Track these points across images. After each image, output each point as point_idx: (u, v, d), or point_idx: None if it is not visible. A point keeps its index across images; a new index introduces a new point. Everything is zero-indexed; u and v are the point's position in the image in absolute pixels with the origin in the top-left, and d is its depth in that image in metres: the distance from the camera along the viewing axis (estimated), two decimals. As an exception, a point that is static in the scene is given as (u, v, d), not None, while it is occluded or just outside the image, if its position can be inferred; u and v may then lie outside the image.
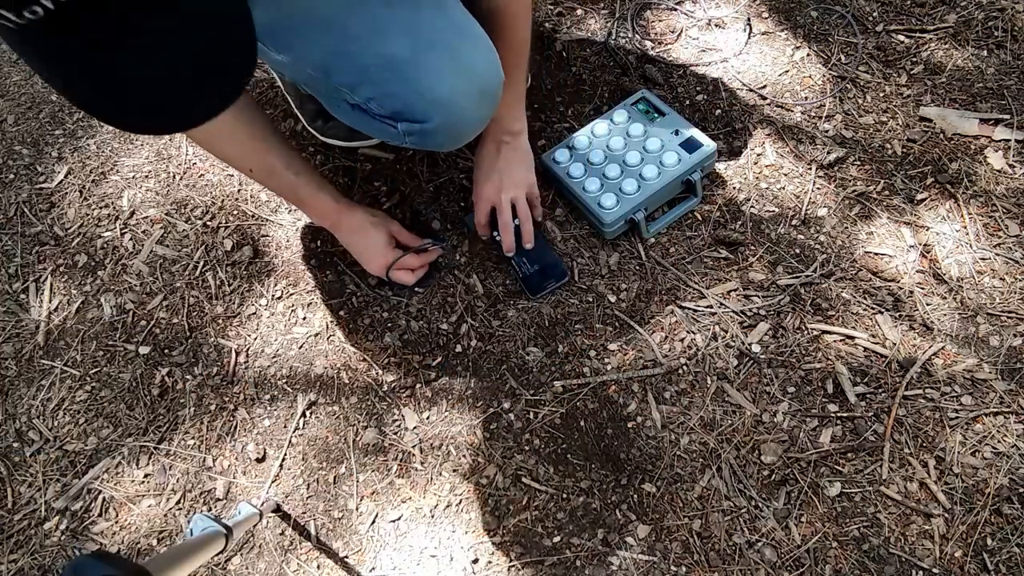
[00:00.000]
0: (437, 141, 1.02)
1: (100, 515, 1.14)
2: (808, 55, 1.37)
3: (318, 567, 1.06)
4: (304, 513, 1.10)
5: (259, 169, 1.11)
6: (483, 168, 1.20)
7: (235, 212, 1.37)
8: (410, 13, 0.93)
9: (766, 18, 1.43)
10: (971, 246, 1.15)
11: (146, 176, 1.45)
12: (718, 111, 1.34)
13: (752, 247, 1.20)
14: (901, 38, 1.36)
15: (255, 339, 1.24)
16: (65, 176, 1.48)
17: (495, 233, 1.23)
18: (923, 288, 1.13)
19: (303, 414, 1.17)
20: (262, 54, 1.03)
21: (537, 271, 1.20)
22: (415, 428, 1.14)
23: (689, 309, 1.16)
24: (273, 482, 1.13)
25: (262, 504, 1.08)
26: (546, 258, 1.21)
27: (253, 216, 1.36)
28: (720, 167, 1.28)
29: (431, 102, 0.94)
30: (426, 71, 0.92)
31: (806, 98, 1.33)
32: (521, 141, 1.20)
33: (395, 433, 1.14)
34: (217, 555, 0.96)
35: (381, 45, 0.92)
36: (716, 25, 1.44)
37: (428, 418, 1.14)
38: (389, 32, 0.92)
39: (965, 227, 1.17)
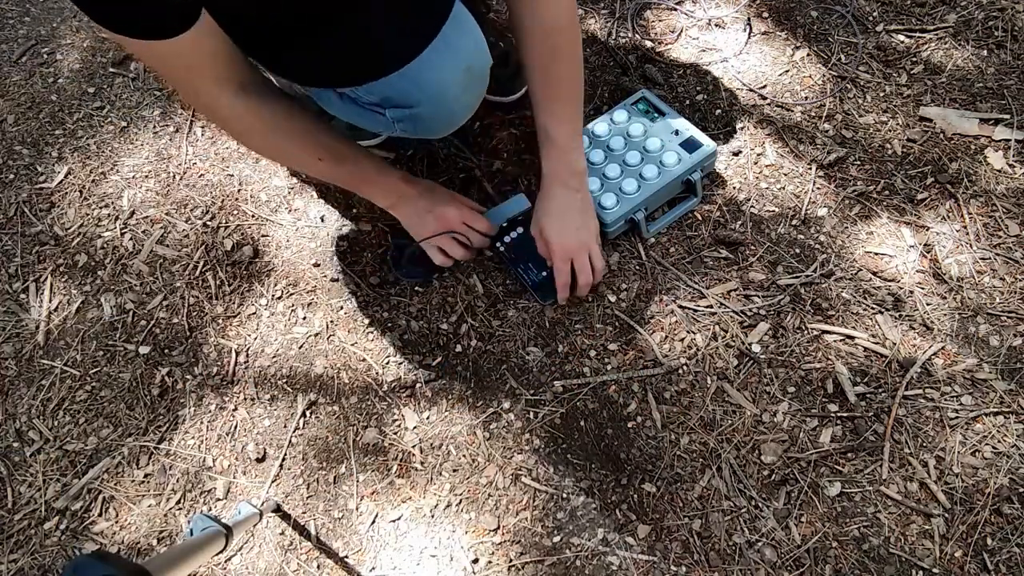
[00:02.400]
0: (427, 126, 1.01)
1: (100, 515, 1.14)
2: (808, 55, 1.37)
3: (318, 567, 1.07)
4: (304, 513, 1.10)
5: (329, 156, 1.08)
6: (556, 216, 1.11)
7: (235, 212, 1.37)
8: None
9: (766, 18, 1.43)
10: (971, 246, 1.15)
11: (146, 176, 1.45)
12: (718, 111, 1.34)
13: (752, 247, 1.20)
14: (901, 38, 1.36)
15: (255, 339, 1.24)
16: (65, 176, 1.48)
17: (498, 244, 1.22)
18: (923, 288, 1.14)
19: (303, 414, 1.17)
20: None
21: (546, 277, 1.19)
22: (415, 428, 1.14)
23: (689, 309, 1.16)
24: (273, 482, 1.13)
25: (262, 504, 1.08)
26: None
27: (253, 216, 1.36)
28: (720, 167, 1.28)
29: (418, 86, 0.93)
30: (419, 61, 0.92)
31: (806, 98, 1.33)
32: (586, 183, 1.14)
33: (395, 433, 1.14)
34: (217, 555, 0.96)
35: None
36: (716, 25, 1.44)
37: (428, 418, 1.14)
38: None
39: (965, 227, 1.17)
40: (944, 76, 1.31)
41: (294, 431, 1.16)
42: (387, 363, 1.19)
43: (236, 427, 1.18)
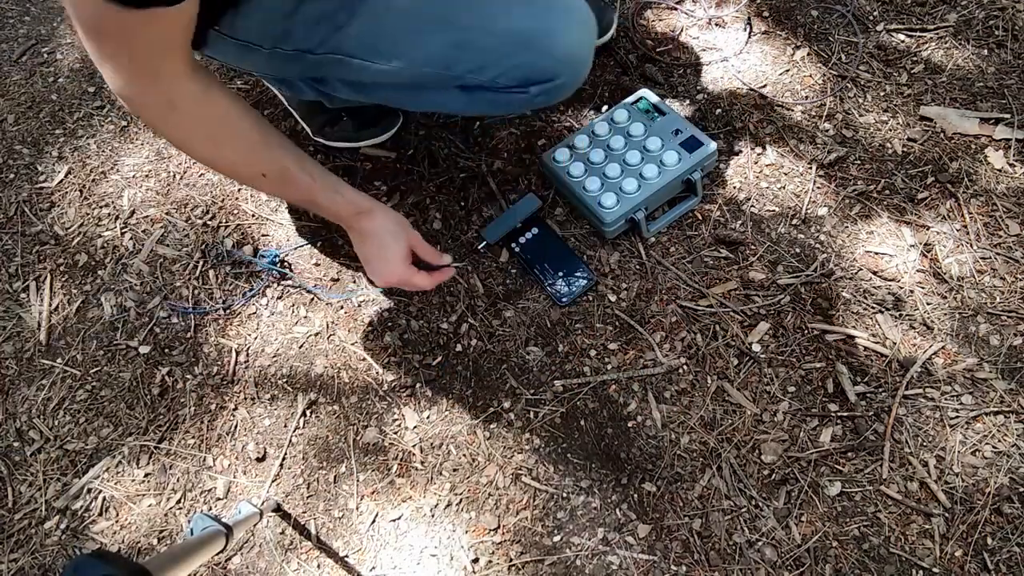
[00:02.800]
0: (562, 93, 1.06)
1: (100, 514, 1.14)
2: (808, 54, 1.37)
3: (318, 566, 1.07)
4: (304, 512, 1.10)
5: (272, 173, 0.99)
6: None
7: (235, 211, 1.37)
8: None
9: (766, 17, 1.43)
10: (971, 245, 1.15)
11: (146, 175, 1.45)
12: (718, 110, 1.34)
13: (752, 246, 1.20)
14: (902, 37, 1.36)
15: (255, 338, 1.24)
16: (65, 175, 1.48)
17: (514, 245, 1.23)
18: (923, 287, 1.13)
19: (303, 413, 1.17)
20: (359, 72, 1.02)
21: (562, 278, 1.20)
22: (415, 428, 1.14)
23: (689, 308, 1.16)
24: (273, 481, 1.13)
25: (262, 503, 1.08)
26: (569, 264, 1.21)
27: (253, 215, 1.36)
28: (720, 166, 1.28)
29: (560, 60, 1.01)
30: (553, 34, 0.98)
31: (806, 97, 1.33)
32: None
33: (395, 433, 1.14)
34: (217, 554, 0.96)
35: (503, 22, 0.97)
36: (716, 24, 1.44)
37: (428, 417, 1.14)
38: (501, 7, 0.97)
39: (965, 226, 1.17)
40: (944, 75, 1.31)
41: (294, 431, 1.16)
42: (387, 363, 1.19)
43: (236, 426, 1.18)
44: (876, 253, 1.17)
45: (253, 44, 0.99)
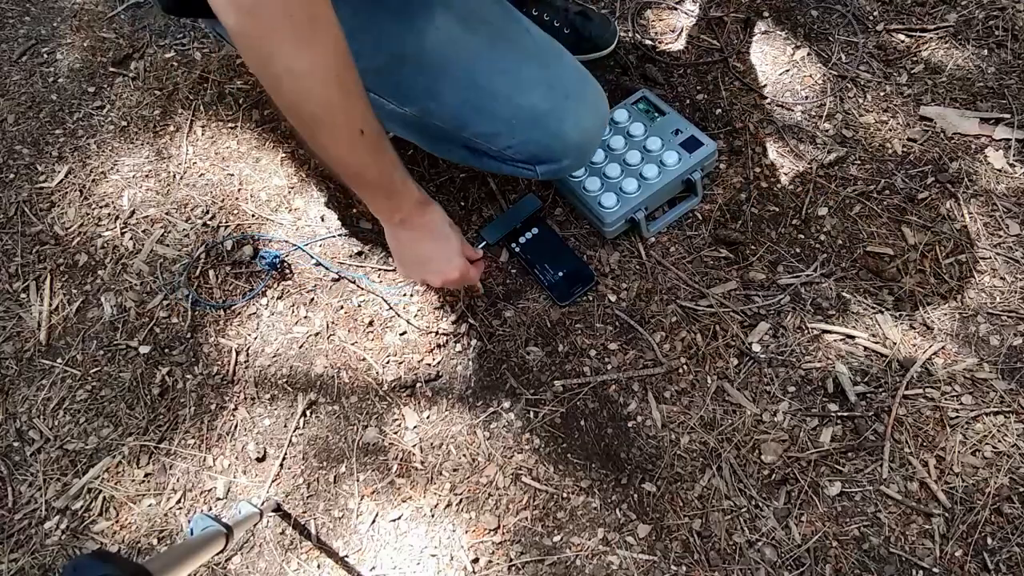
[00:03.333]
0: (565, 172, 1.09)
1: (100, 514, 1.14)
2: (808, 54, 1.37)
3: (318, 567, 1.07)
4: (304, 512, 1.10)
5: (369, 131, 0.85)
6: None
7: (235, 211, 1.37)
8: (538, 66, 1.00)
9: (766, 17, 1.43)
10: (971, 245, 1.15)
11: (146, 175, 1.45)
12: (718, 110, 1.34)
13: (752, 246, 1.20)
14: (902, 37, 1.36)
15: (255, 338, 1.24)
16: (65, 176, 1.47)
17: (514, 245, 1.23)
18: (923, 288, 1.13)
19: (303, 413, 1.17)
20: (378, 107, 1.00)
21: (562, 278, 1.19)
22: (415, 428, 1.14)
23: (689, 308, 1.16)
24: (273, 481, 1.13)
25: (262, 503, 1.08)
26: (569, 263, 1.21)
27: (253, 215, 1.36)
28: (720, 166, 1.28)
29: (570, 145, 1.03)
30: (565, 120, 1.00)
31: (806, 97, 1.33)
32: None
33: (395, 432, 1.14)
34: (217, 555, 0.96)
35: (520, 99, 0.98)
36: (716, 24, 1.44)
37: (428, 418, 1.14)
38: (524, 85, 0.99)
39: (965, 226, 1.17)
40: (944, 75, 1.31)
41: (294, 431, 1.16)
42: (387, 363, 1.19)
43: (236, 426, 1.18)
44: (876, 253, 1.17)
45: None
